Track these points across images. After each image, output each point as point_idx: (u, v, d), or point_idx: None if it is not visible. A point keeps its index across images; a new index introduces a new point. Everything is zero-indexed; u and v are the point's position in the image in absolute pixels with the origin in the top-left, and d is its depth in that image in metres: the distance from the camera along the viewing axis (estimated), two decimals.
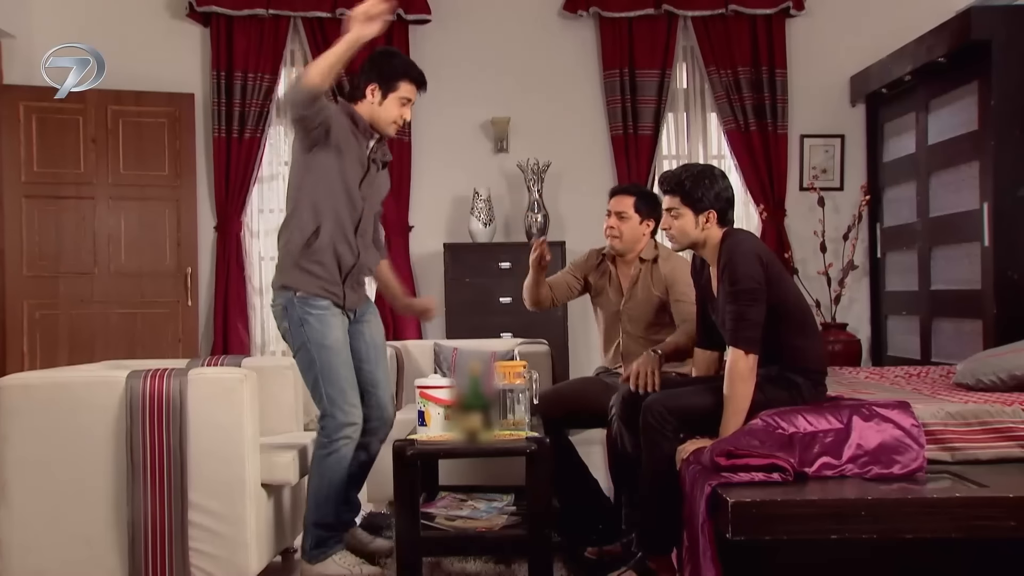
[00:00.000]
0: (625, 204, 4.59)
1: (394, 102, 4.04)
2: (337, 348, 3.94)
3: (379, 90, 4.03)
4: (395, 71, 4.07)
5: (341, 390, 3.92)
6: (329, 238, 3.97)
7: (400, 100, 4.05)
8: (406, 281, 7.34)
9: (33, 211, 6.98)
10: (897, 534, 3.08)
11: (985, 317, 5.95)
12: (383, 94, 4.03)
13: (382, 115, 4.05)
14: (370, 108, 4.06)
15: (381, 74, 4.05)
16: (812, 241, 7.44)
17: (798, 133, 7.69)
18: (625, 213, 4.58)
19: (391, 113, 4.05)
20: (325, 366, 3.93)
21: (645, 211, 4.60)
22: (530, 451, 3.72)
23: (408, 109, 4.10)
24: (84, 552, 3.69)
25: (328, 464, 3.90)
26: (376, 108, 4.04)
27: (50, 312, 7.04)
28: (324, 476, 3.91)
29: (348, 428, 3.89)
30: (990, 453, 3.58)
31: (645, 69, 7.50)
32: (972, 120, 6.13)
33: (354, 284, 4.07)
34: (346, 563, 3.93)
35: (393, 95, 4.03)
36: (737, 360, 3.55)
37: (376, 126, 4.08)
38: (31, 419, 3.69)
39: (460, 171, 7.51)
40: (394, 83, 4.03)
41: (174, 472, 3.65)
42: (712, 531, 3.19)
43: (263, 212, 7.56)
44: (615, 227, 4.60)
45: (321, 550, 3.96)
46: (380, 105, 4.04)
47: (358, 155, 4.02)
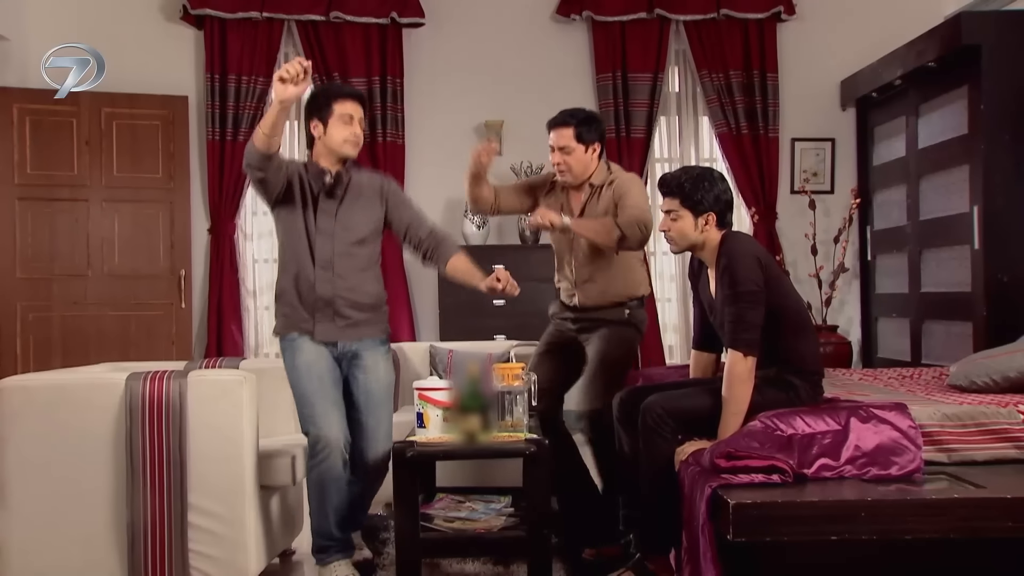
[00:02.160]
0: (566, 137, 4.43)
1: (336, 125, 4.06)
2: (303, 369, 3.98)
3: (319, 123, 4.07)
4: (323, 99, 4.11)
5: (311, 405, 3.93)
6: (291, 280, 4.06)
7: (341, 120, 4.06)
8: (399, 283, 7.37)
9: (27, 213, 6.98)
10: (896, 535, 3.11)
11: (975, 319, 6.00)
12: (323, 124, 4.06)
13: (332, 142, 4.07)
14: (321, 143, 4.09)
15: (313, 109, 4.11)
16: (803, 244, 7.49)
17: (789, 137, 7.74)
18: (567, 147, 4.43)
19: (338, 135, 4.06)
20: (295, 386, 3.99)
21: (588, 137, 4.45)
22: (528, 452, 3.73)
23: (355, 125, 4.11)
24: (84, 553, 3.69)
25: (313, 478, 3.93)
26: (325, 140, 4.07)
27: (44, 314, 7.03)
28: (313, 488, 3.95)
29: (322, 442, 3.87)
30: (986, 454, 3.60)
31: (637, 72, 7.55)
32: (962, 124, 6.18)
33: (330, 316, 4.04)
34: (343, 573, 3.94)
35: (332, 119, 4.05)
36: (736, 362, 3.57)
37: (335, 155, 4.10)
38: (31, 421, 3.69)
39: (454, 174, 7.45)
40: (326, 109, 4.06)
41: (174, 474, 3.66)
42: (712, 532, 3.20)
43: (256, 214, 7.57)
44: (561, 162, 4.47)
45: (322, 556, 3.98)
46: (326, 134, 4.07)
47: (311, 196, 4.07)
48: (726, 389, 3.59)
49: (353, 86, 6.15)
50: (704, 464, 3.35)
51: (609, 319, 4.49)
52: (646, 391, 3.94)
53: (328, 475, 3.90)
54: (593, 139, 4.46)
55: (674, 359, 7.64)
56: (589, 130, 4.45)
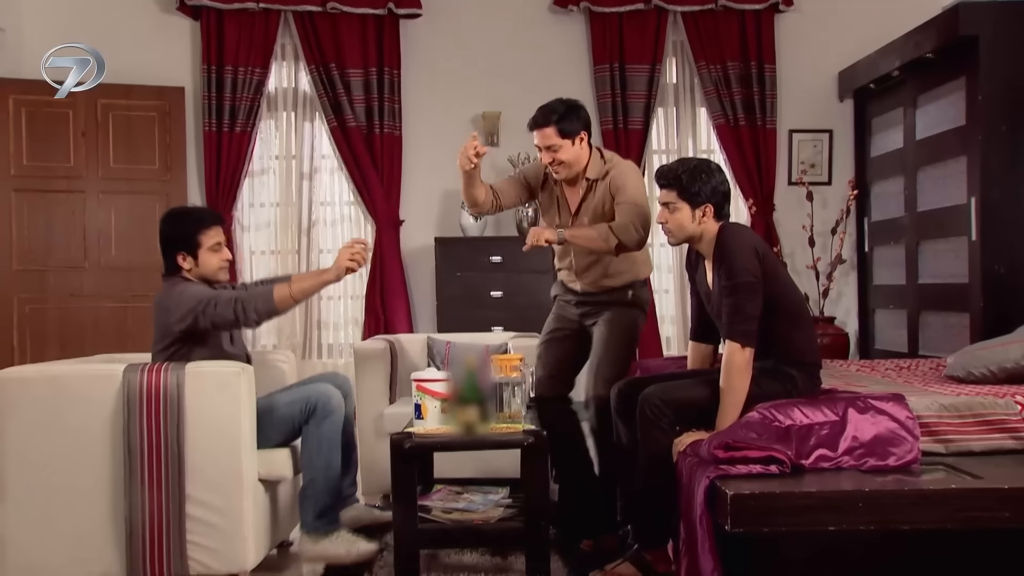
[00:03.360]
0: (549, 136, 4.30)
1: (206, 254, 4.06)
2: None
3: (188, 256, 4.04)
4: (187, 231, 4.07)
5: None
6: None
7: (210, 249, 4.07)
8: (396, 275, 7.38)
9: (23, 205, 6.98)
10: (893, 525, 3.11)
11: (972, 311, 6.01)
12: (193, 256, 4.05)
13: (205, 271, 4.08)
14: (191, 273, 4.07)
15: (178, 240, 4.07)
16: (800, 235, 7.49)
17: (787, 128, 7.74)
18: (554, 145, 4.30)
19: (211, 264, 4.07)
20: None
21: (571, 130, 4.31)
22: (527, 444, 3.74)
23: (223, 249, 4.12)
24: (82, 545, 3.71)
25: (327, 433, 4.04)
26: (196, 270, 4.07)
27: (40, 306, 7.04)
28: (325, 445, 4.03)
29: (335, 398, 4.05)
30: (983, 445, 3.60)
31: (635, 64, 7.54)
32: (960, 115, 6.18)
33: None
34: (343, 542, 3.95)
35: (201, 251, 4.05)
36: (733, 353, 3.57)
37: (210, 281, 4.11)
38: (28, 413, 3.70)
39: (451, 165, 7.40)
40: (192, 241, 4.04)
41: (171, 465, 3.66)
42: (710, 523, 3.20)
43: (254, 206, 7.57)
44: (553, 160, 4.35)
45: (324, 524, 3.98)
46: (197, 265, 4.06)
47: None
48: (724, 380, 3.59)
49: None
50: (702, 455, 3.35)
51: (613, 301, 4.47)
52: (644, 382, 3.94)
53: (338, 430, 3.98)
54: (577, 130, 4.33)
55: (671, 351, 7.65)
56: (571, 122, 4.31)
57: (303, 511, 3.99)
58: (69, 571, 3.73)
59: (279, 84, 7.62)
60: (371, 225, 7.54)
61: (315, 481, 3.95)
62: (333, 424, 3.94)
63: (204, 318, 3.86)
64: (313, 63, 7.39)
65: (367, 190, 7.45)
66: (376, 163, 7.45)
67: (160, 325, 3.98)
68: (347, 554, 3.91)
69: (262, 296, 3.88)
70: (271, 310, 3.88)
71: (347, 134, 7.43)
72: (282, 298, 3.88)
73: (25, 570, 3.71)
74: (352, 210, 7.66)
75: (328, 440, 3.94)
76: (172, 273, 4.08)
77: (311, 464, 3.95)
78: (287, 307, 3.96)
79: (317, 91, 7.44)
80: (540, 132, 4.32)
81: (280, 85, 7.62)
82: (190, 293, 3.92)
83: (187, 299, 3.89)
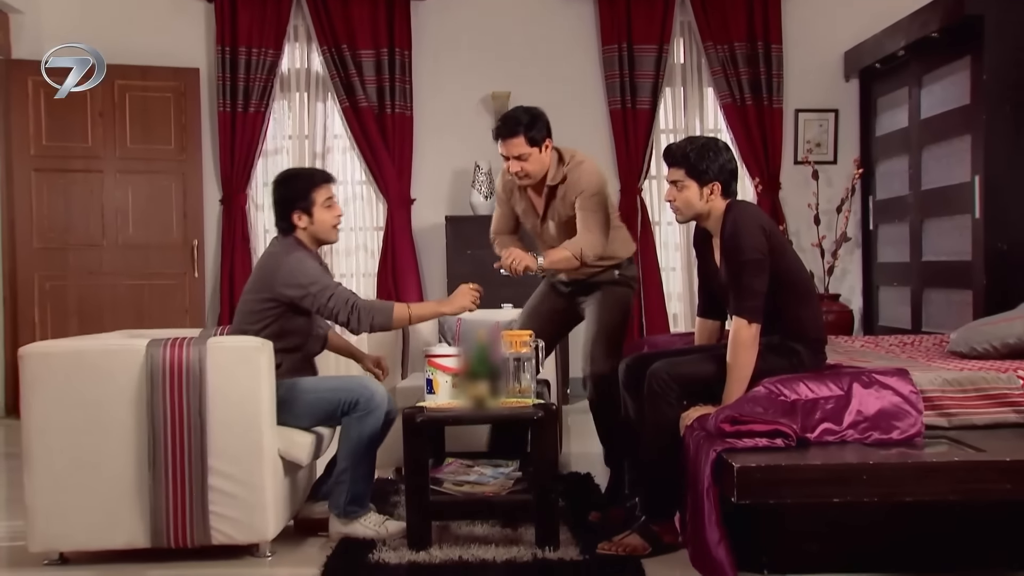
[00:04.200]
0: (519, 146, 4.28)
1: (321, 211, 4.10)
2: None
3: (303, 215, 4.09)
4: (300, 190, 4.12)
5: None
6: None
7: (324, 206, 4.11)
8: (408, 252, 7.47)
9: (42, 184, 7.09)
10: (897, 497, 3.17)
11: (975, 288, 6.07)
12: (308, 214, 4.09)
13: (320, 229, 4.12)
14: (306, 232, 4.11)
15: (295, 199, 4.11)
16: (806, 214, 7.56)
17: (793, 107, 7.79)
18: (523, 154, 4.28)
19: (326, 221, 4.12)
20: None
21: (539, 139, 4.29)
22: (537, 418, 3.78)
23: (335, 205, 4.18)
24: (107, 516, 3.74)
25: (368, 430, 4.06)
26: (312, 227, 4.11)
27: (60, 283, 7.15)
28: (366, 442, 4.06)
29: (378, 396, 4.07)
30: (986, 418, 3.65)
31: (643, 44, 7.59)
32: (964, 94, 6.22)
33: None
34: (372, 523, 4.02)
35: (316, 208, 4.09)
36: (740, 329, 3.62)
37: (322, 241, 4.18)
38: (52, 387, 3.72)
39: (461, 145, 7.60)
40: (307, 199, 4.09)
41: (194, 438, 3.70)
42: (716, 495, 3.25)
43: (267, 185, 7.59)
44: (519, 169, 4.32)
45: (356, 509, 4.02)
46: (313, 223, 4.11)
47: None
48: (731, 356, 3.64)
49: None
50: (709, 429, 3.41)
51: (602, 282, 4.51)
52: (651, 358, 3.99)
53: (379, 427, 4.02)
54: (543, 136, 4.31)
55: (678, 327, 7.71)
56: (538, 130, 4.30)
57: (335, 495, 4.02)
58: (94, 541, 3.78)
59: (292, 65, 7.70)
60: (383, 204, 7.63)
61: (350, 470, 3.99)
62: (375, 420, 3.98)
63: (313, 300, 3.93)
64: (325, 44, 7.46)
65: (379, 169, 7.54)
66: (387, 143, 7.53)
67: (263, 279, 4.03)
68: (376, 535, 3.97)
69: (382, 311, 3.95)
70: (385, 326, 3.98)
71: (359, 114, 7.50)
72: (400, 318, 3.99)
73: (53, 540, 3.76)
74: (364, 189, 7.74)
75: (369, 435, 4.00)
76: (286, 234, 4.15)
77: (349, 454, 3.99)
78: (399, 327, 4.15)
79: (329, 72, 7.52)
80: (508, 142, 4.29)
81: (293, 66, 7.70)
82: (309, 267, 3.98)
83: (305, 272, 3.95)
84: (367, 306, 3.96)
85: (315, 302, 3.94)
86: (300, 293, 3.93)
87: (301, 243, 4.10)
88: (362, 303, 3.95)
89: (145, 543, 3.76)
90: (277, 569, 3.77)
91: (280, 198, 4.14)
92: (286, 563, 3.80)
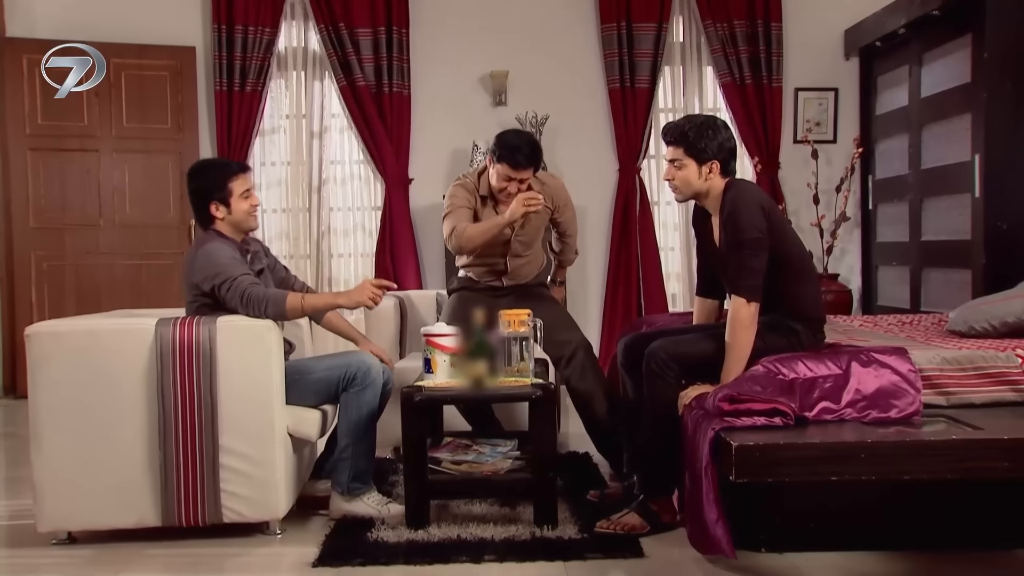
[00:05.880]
0: (530, 175, 4.47)
1: (239, 201, 4.06)
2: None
3: (220, 205, 4.05)
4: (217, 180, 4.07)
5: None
6: None
7: (241, 196, 4.07)
8: (406, 233, 7.46)
9: (38, 163, 7.08)
10: (895, 476, 3.16)
11: (974, 267, 6.07)
12: (225, 205, 4.05)
13: (239, 218, 4.08)
14: (225, 222, 4.08)
15: (211, 190, 4.06)
16: (805, 193, 7.54)
17: (792, 86, 7.77)
18: (528, 181, 4.47)
19: (242, 210, 4.07)
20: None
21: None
22: (534, 397, 3.79)
23: (253, 196, 4.13)
24: (118, 495, 3.75)
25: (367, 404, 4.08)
26: (230, 217, 4.07)
27: (57, 263, 7.16)
28: (365, 417, 4.07)
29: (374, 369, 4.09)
30: (984, 397, 3.66)
31: (642, 23, 7.56)
32: (964, 73, 6.21)
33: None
34: (374, 501, 4.03)
35: (233, 199, 4.05)
36: (739, 308, 3.62)
37: (243, 229, 4.13)
38: (61, 367, 3.72)
39: (459, 124, 7.58)
40: (224, 190, 4.05)
41: (205, 417, 3.71)
42: (715, 474, 3.25)
43: (265, 165, 7.64)
44: (517, 190, 4.42)
45: (359, 486, 4.04)
46: (231, 213, 4.07)
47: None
48: (729, 335, 3.64)
49: None
50: (707, 407, 3.40)
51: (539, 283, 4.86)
52: (650, 337, 4.00)
53: (376, 400, 4.03)
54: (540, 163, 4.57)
55: (677, 307, 7.72)
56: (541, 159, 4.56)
57: (338, 472, 4.04)
58: (105, 520, 3.79)
59: (289, 43, 7.66)
60: (381, 184, 7.60)
61: (352, 447, 4.00)
62: (372, 394, 3.99)
63: (217, 290, 3.91)
64: (322, 22, 7.43)
65: (376, 149, 7.52)
66: (385, 122, 7.50)
67: (184, 273, 4.03)
68: (377, 514, 3.98)
69: (275, 301, 3.89)
70: (279, 316, 3.92)
71: (356, 93, 7.48)
72: (293, 308, 3.92)
73: (61, 520, 3.77)
74: (362, 168, 7.72)
75: (367, 409, 4.00)
76: (206, 226, 4.13)
77: (349, 430, 4.00)
78: (295, 317, 4.05)
79: (326, 50, 7.48)
80: (524, 171, 4.42)
81: (290, 44, 7.66)
82: (218, 257, 3.94)
83: (213, 262, 3.92)
84: (260, 295, 3.88)
85: (219, 291, 3.92)
86: (209, 285, 3.92)
87: (220, 234, 4.07)
88: (255, 292, 3.88)
89: (156, 522, 3.78)
90: (287, 547, 3.77)
91: (196, 190, 4.10)
92: (295, 541, 3.81)
